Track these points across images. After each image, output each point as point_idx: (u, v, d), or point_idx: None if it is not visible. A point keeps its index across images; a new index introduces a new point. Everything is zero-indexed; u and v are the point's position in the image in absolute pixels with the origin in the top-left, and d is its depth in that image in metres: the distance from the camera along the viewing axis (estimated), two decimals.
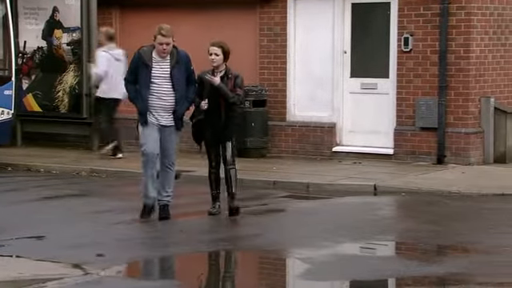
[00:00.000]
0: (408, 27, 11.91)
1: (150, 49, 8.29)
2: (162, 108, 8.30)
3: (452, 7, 11.62)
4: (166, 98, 8.29)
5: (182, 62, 8.30)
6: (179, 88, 8.27)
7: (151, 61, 8.24)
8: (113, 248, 7.39)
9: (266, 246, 7.58)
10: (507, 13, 12.17)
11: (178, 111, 8.33)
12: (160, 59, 8.25)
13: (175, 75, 8.26)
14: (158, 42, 8.19)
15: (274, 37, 12.87)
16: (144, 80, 8.24)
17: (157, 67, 8.25)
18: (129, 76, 8.43)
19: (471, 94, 11.75)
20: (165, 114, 8.31)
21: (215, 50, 8.47)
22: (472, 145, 11.74)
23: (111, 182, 11.29)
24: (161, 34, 8.17)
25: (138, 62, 8.27)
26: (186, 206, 9.42)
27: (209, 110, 8.45)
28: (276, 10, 12.84)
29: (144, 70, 8.24)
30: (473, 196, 9.93)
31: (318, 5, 12.58)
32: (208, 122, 8.52)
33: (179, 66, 8.27)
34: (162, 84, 8.27)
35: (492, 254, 7.21)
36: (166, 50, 8.20)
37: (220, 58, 8.47)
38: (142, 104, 8.30)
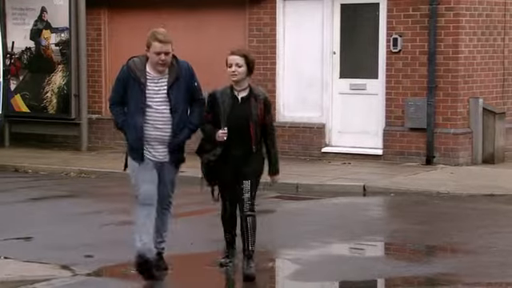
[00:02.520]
0: (397, 28, 11.93)
1: (142, 60, 6.25)
2: (158, 140, 6.27)
3: (441, 8, 11.65)
4: (164, 126, 6.23)
5: (183, 77, 6.25)
6: (178, 111, 6.23)
7: (145, 76, 6.19)
8: (101, 249, 7.37)
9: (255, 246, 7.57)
10: (495, 13, 12.21)
11: (174, 141, 6.26)
12: (156, 74, 6.20)
13: (174, 95, 6.20)
14: (154, 52, 6.13)
15: (263, 37, 12.87)
16: (136, 102, 6.19)
17: (152, 85, 6.19)
18: (114, 96, 6.34)
19: (460, 95, 11.78)
20: (161, 147, 6.28)
21: (237, 60, 6.30)
22: (461, 145, 11.77)
23: (100, 182, 11.25)
24: (157, 40, 6.12)
25: (128, 78, 6.23)
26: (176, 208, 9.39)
27: (230, 142, 6.30)
28: (265, 10, 12.84)
29: (135, 89, 6.19)
30: (461, 196, 9.95)
31: (307, 5, 12.58)
32: (227, 157, 6.37)
33: (179, 83, 6.22)
34: (158, 108, 6.20)
35: (480, 254, 7.23)
36: (164, 62, 6.16)
37: (243, 71, 6.31)
38: (136, 135, 6.24)
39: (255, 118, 6.33)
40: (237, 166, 6.39)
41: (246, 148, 6.36)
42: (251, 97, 6.35)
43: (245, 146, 6.35)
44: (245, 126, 6.32)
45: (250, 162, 6.39)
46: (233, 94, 6.34)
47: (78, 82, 13.53)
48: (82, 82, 13.57)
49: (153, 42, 6.18)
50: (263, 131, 6.41)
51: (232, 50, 6.43)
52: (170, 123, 6.24)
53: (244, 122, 6.31)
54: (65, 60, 13.57)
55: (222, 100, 6.31)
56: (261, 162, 6.46)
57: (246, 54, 6.39)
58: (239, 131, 6.30)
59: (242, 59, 6.34)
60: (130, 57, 6.33)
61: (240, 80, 6.34)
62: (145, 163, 6.31)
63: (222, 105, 6.31)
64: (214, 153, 6.38)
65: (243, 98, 6.35)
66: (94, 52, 14.08)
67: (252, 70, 6.40)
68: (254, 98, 6.36)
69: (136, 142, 6.28)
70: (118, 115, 6.37)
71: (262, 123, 6.37)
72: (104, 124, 14.05)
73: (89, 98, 13.89)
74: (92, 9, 13.73)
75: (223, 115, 6.31)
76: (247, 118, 6.31)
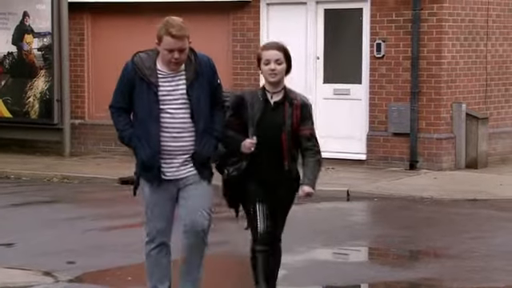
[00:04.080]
0: (380, 33, 11.96)
1: (151, 56, 5.00)
2: (177, 153, 4.98)
3: (424, 13, 11.70)
4: (183, 134, 4.96)
5: (205, 74, 5.02)
6: (202, 116, 4.97)
7: (156, 75, 4.95)
8: (84, 255, 7.32)
9: (239, 252, 7.55)
10: (478, 19, 12.27)
11: (201, 154, 4.99)
12: (169, 72, 4.98)
13: (195, 96, 4.95)
14: (166, 48, 4.89)
15: (246, 42, 12.86)
16: (147, 107, 4.94)
17: (165, 85, 4.95)
18: (117, 100, 5.07)
19: (443, 100, 11.82)
20: (180, 161, 5.00)
21: (276, 56, 5.09)
22: (444, 150, 11.81)
23: (83, 188, 11.19)
24: (170, 35, 4.86)
25: (133, 78, 4.98)
26: None
27: (258, 155, 5.07)
28: (249, 15, 12.84)
29: (144, 91, 4.94)
30: (445, 201, 9.98)
31: (291, 10, 12.60)
32: (256, 174, 5.12)
33: (200, 81, 4.99)
34: (175, 112, 4.95)
35: (463, 259, 7.24)
36: (178, 61, 4.93)
37: (283, 69, 5.12)
38: (150, 149, 4.95)
39: (289, 128, 5.04)
40: (268, 187, 5.15)
41: (277, 165, 5.09)
42: (286, 101, 5.11)
43: (276, 162, 5.08)
44: (276, 137, 5.07)
45: (282, 184, 5.15)
46: (265, 97, 5.09)
47: (61, 87, 13.46)
48: (64, 87, 13.50)
49: (164, 35, 4.88)
50: (300, 145, 5.13)
51: (267, 45, 5.21)
52: (191, 131, 4.95)
53: (276, 132, 5.05)
54: (47, 65, 13.50)
55: (252, 103, 5.08)
56: (296, 181, 5.17)
57: (285, 48, 5.13)
58: (270, 143, 5.05)
59: (282, 54, 5.09)
60: (135, 52, 5.06)
61: (279, 80, 5.11)
62: (161, 188, 4.99)
63: (250, 109, 5.07)
64: (239, 167, 5.10)
65: (277, 103, 5.09)
66: (77, 57, 14.02)
67: (289, 68, 5.16)
68: (289, 103, 5.10)
69: (151, 159, 4.93)
70: (123, 126, 5.03)
71: (298, 134, 5.09)
72: (87, 129, 13.99)
73: (71, 103, 13.82)
74: (75, 13, 13.67)
75: (252, 122, 5.06)
76: (279, 127, 5.04)
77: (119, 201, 10.34)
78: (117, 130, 5.11)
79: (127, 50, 14.20)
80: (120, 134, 5.09)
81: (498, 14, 12.51)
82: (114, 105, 5.12)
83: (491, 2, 12.39)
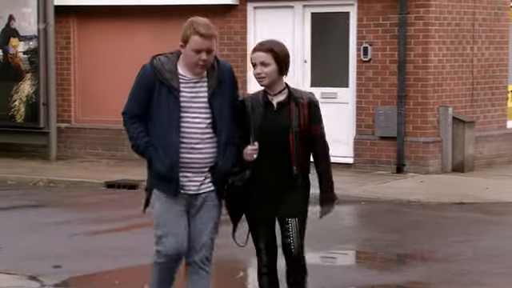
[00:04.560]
0: (367, 37, 11.98)
1: (171, 59, 4.67)
2: (196, 166, 4.63)
3: (410, 17, 11.73)
4: (201, 146, 4.62)
5: (227, 82, 4.70)
6: (224, 127, 4.64)
7: (177, 79, 4.60)
8: (71, 259, 7.28)
9: (225, 255, 7.54)
10: (464, 23, 12.32)
11: (223, 167, 4.65)
12: (192, 77, 4.63)
13: (217, 104, 4.63)
14: (194, 49, 4.56)
15: (234, 46, 12.85)
16: (166, 115, 4.58)
17: (187, 91, 4.61)
18: (133, 106, 4.68)
19: (430, 104, 11.86)
20: (197, 175, 4.65)
21: (261, 58, 4.70)
22: (431, 154, 11.84)
23: (69, 192, 11.14)
24: (198, 34, 4.56)
25: (153, 82, 4.61)
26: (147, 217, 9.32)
27: (263, 162, 4.68)
28: (236, 19, 12.84)
29: (164, 97, 4.59)
30: (431, 205, 10.00)
31: (278, 14, 12.60)
32: (260, 183, 4.72)
33: (222, 89, 4.66)
34: (195, 122, 4.62)
35: (450, 262, 7.26)
36: (205, 63, 4.60)
37: (272, 71, 4.69)
38: (169, 160, 4.59)
39: (297, 129, 4.66)
40: (274, 197, 4.72)
41: (284, 170, 4.67)
42: (291, 101, 4.71)
43: (283, 167, 4.67)
44: (282, 140, 4.66)
45: (291, 192, 4.72)
46: (266, 99, 4.70)
47: (47, 90, 13.41)
48: (50, 90, 13.45)
49: (192, 35, 4.55)
50: (310, 146, 4.75)
51: (255, 46, 4.80)
52: (210, 142, 4.60)
53: (281, 135, 4.65)
54: (33, 68, 13.44)
55: (252, 107, 4.68)
56: (306, 190, 4.80)
57: (271, 48, 4.69)
58: (275, 147, 4.64)
59: (269, 55, 4.67)
60: (154, 55, 4.71)
61: (270, 84, 4.70)
62: (175, 202, 4.63)
63: (251, 113, 4.67)
64: (242, 177, 4.67)
65: (280, 104, 4.70)
66: (63, 60, 13.97)
67: (285, 68, 4.75)
68: (295, 103, 4.70)
69: (170, 170, 4.56)
70: (137, 134, 4.64)
71: (307, 135, 4.72)
72: (73, 133, 13.94)
73: (58, 106, 13.77)
74: (61, 17, 13.63)
75: (253, 126, 4.65)
76: (285, 129, 4.65)
77: (106, 205, 10.30)
78: (130, 139, 4.69)
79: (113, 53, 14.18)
80: (134, 143, 4.67)
81: (484, 17, 12.57)
82: (129, 111, 4.67)
83: (477, 6, 12.45)
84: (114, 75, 13.55)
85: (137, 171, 12.06)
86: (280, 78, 4.74)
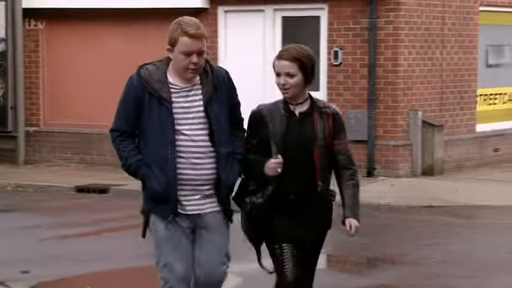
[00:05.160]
0: (338, 41, 12.03)
1: (160, 67, 4.26)
2: (196, 183, 4.21)
3: (380, 21, 11.79)
4: (203, 161, 4.20)
5: (223, 88, 4.31)
6: (223, 138, 4.24)
7: (168, 89, 4.18)
8: (40, 264, 7.20)
9: None
10: (433, 27, 12.41)
11: (227, 183, 4.25)
12: (184, 85, 4.21)
13: (214, 113, 4.22)
14: (182, 51, 4.14)
15: None
16: (159, 129, 4.17)
17: (179, 101, 4.19)
18: (121, 122, 4.28)
19: (400, 107, 11.92)
20: (199, 193, 4.23)
21: (286, 68, 4.27)
22: (401, 157, 11.90)
23: (38, 196, 11.03)
24: (187, 35, 4.13)
25: (142, 95, 4.20)
26: (117, 221, 9.27)
27: (284, 177, 4.25)
28: (206, 22, 12.80)
29: (155, 110, 4.18)
30: (401, 208, 10.04)
31: (249, 17, 12.60)
32: (282, 199, 4.29)
33: (218, 96, 4.26)
34: (192, 135, 4.19)
35: (420, 265, 7.29)
36: (197, 67, 4.18)
37: (298, 82, 4.28)
38: (165, 178, 4.17)
39: (321, 142, 4.28)
40: (297, 214, 4.31)
41: (308, 187, 4.29)
42: (314, 111, 4.33)
43: (306, 183, 4.28)
44: (307, 154, 4.27)
45: (313, 211, 4.34)
46: (287, 109, 4.31)
47: (15, 93, 13.28)
48: (19, 93, 13.32)
49: (180, 37, 4.13)
50: (334, 161, 4.35)
51: (280, 52, 4.35)
52: (211, 156, 4.18)
53: (305, 147, 4.27)
54: (1, 71, 13.30)
55: (271, 118, 4.29)
56: (329, 209, 4.45)
57: (298, 57, 4.26)
58: (299, 161, 4.26)
59: (295, 65, 4.25)
60: (141, 64, 4.29)
61: (294, 95, 4.30)
62: (177, 224, 4.19)
63: (271, 124, 4.28)
64: (263, 193, 4.26)
65: (303, 114, 4.31)
66: (32, 63, 13.84)
67: (311, 78, 4.32)
68: (319, 113, 4.32)
69: (167, 189, 4.14)
70: (128, 152, 4.21)
71: (332, 148, 4.33)
72: (42, 137, 13.81)
73: (26, 110, 13.63)
74: (29, 20, 13.50)
75: (274, 138, 4.25)
76: (310, 141, 4.27)
77: (75, 209, 10.21)
78: (120, 158, 4.26)
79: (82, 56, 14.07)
80: (124, 162, 4.23)
81: (454, 22, 12.68)
82: (117, 128, 4.25)
83: (447, 11, 12.55)
84: (82, 78, 13.45)
85: (106, 175, 11.98)
86: (305, 88, 4.31)
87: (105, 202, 10.58)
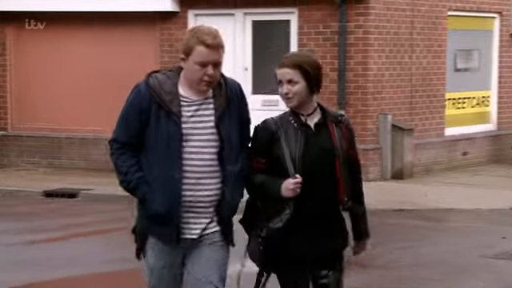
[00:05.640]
0: (308, 45, 12.04)
1: (171, 78, 3.89)
2: (201, 205, 3.86)
3: (350, 26, 11.83)
4: (210, 181, 3.85)
5: (236, 102, 3.96)
6: (233, 157, 3.89)
7: (178, 102, 3.83)
8: (7, 270, 7.11)
9: None
10: (402, 31, 12.49)
11: (232, 202, 3.90)
12: (196, 98, 3.87)
13: (226, 130, 3.89)
14: (198, 62, 3.81)
15: (175, 53, 12.77)
16: (166, 144, 3.81)
17: (189, 115, 3.84)
18: (123, 134, 3.89)
19: (369, 111, 11.97)
20: (202, 215, 3.87)
21: (288, 75, 3.96)
22: (370, 161, 11.95)
23: (6, 201, 10.90)
24: (204, 44, 3.82)
25: (148, 106, 3.83)
26: (87, 226, 9.18)
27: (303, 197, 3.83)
28: (177, 25, 12.77)
29: (162, 123, 3.83)
30: (372, 212, 10.04)
31: (219, 21, 12.57)
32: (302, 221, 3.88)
33: (231, 112, 3.92)
34: (201, 152, 3.85)
35: (390, 268, 7.31)
36: (212, 80, 3.84)
37: (301, 90, 3.94)
38: (169, 200, 3.80)
39: (341, 153, 3.94)
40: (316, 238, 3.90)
41: (330, 203, 3.91)
42: (328, 121, 3.98)
43: (329, 199, 3.90)
44: (328, 168, 3.89)
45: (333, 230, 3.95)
46: (300, 122, 3.93)
47: None
48: None
49: (196, 46, 3.81)
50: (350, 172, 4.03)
51: (281, 60, 4.04)
52: (218, 176, 3.84)
53: (326, 162, 3.89)
54: None
55: (284, 132, 3.90)
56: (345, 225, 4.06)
57: (300, 63, 3.94)
58: (320, 176, 3.86)
59: (296, 72, 3.93)
60: (150, 72, 3.92)
61: (299, 104, 3.94)
62: (173, 247, 3.85)
63: (284, 140, 3.88)
64: (280, 217, 3.85)
65: (318, 125, 3.94)
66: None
67: (317, 85, 4.00)
68: (334, 122, 3.99)
69: (169, 212, 3.79)
70: (127, 167, 3.84)
71: (348, 160, 4.00)
72: (10, 141, 13.65)
73: None
74: None
75: (290, 155, 3.85)
76: (330, 154, 3.90)
77: (43, 214, 10.10)
78: (118, 173, 3.86)
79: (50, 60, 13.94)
80: (123, 178, 3.84)
81: (422, 26, 12.77)
82: (118, 139, 3.86)
83: (415, 15, 12.63)
84: (50, 82, 13.32)
85: (75, 180, 11.87)
86: (311, 96, 3.96)
87: (73, 206, 10.48)
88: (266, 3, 12.23)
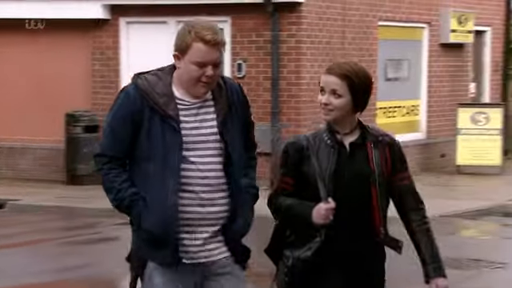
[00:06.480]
0: (241, 53, 12.06)
1: (163, 79, 3.45)
2: (203, 222, 3.39)
3: (283, 35, 11.90)
4: (213, 195, 3.39)
5: (237, 105, 3.50)
6: (238, 167, 3.47)
7: (174, 105, 3.37)
8: None
9: (97, 275, 7.33)
10: (334, 41, 12.62)
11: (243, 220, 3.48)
12: (194, 101, 3.40)
13: (230, 137, 3.44)
14: (196, 61, 3.34)
15: (106, 61, 12.62)
16: (161, 153, 3.34)
17: (187, 120, 3.38)
18: (111, 146, 3.41)
19: (303, 120, 12.04)
20: (208, 234, 3.40)
21: (332, 85, 3.47)
22: None
23: None
24: (203, 41, 3.34)
25: (139, 112, 3.36)
26: (14, 237, 8.96)
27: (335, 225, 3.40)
28: (108, 33, 12.63)
29: (157, 131, 3.35)
30: None
31: (152, 29, 12.49)
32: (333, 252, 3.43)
33: (233, 116, 3.47)
34: (201, 162, 3.38)
35: None
36: (212, 80, 3.38)
37: (344, 104, 3.45)
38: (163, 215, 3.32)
39: (379, 179, 3.46)
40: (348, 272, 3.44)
41: (364, 234, 3.44)
42: (367, 141, 3.50)
43: (363, 229, 3.44)
44: (362, 194, 3.44)
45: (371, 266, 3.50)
46: (334, 140, 3.48)
47: None
48: None
49: (194, 42, 3.33)
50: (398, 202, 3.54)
51: (329, 66, 3.56)
52: (223, 189, 3.38)
53: (360, 187, 3.44)
54: None
55: (315, 151, 3.46)
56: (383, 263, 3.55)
57: (349, 75, 3.44)
58: (352, 204, 3.42)
59: (344, 83, 3.43)
60: (137, 73, 3.47)
61: (337, 120, 3.46)
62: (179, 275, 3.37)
63: (316, 159, 3.44)
64: (310, 246, 3.41)
65: (354, 145, 3.49)
66: None
67: (364, 103, 3.48)
68: (374, 143, 3.50)
69: (164, 229, 3.30)
70: (120, 184, 3.37)
71: (392, 186, 3.50)
72: None
73: None
74: None
75: (322, 176, 3.41)
76: (365, 179, 3.45)
77: None
78: (109, 191, 3.39)
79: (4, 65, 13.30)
80: (115, 196, 3.37)
81: (354, 36, 12.92)
82: (106, 153, 3.39)
83: (347, 25, 12.78)
84: None
85: (1, 190, 11.58)
86: (353, 114, 3.46)
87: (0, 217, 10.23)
88: (198, 11, 12.17)
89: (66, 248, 8.42)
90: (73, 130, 12.28)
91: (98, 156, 3.42)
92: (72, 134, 12.28)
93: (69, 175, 12.27)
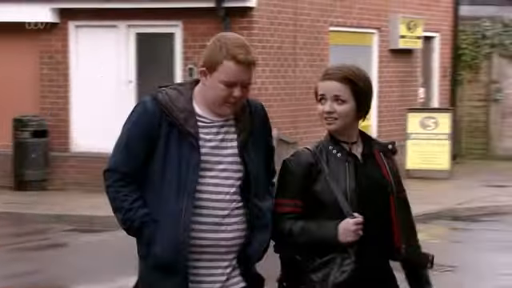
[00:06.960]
0: (192, 58, 12.02)
1: (184, 94, 3.21)
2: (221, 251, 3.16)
3: None
4: (229, 220, 3.16)
5: (259, 126, 3.29)
6: (259, 191, 3.22)
7: (195, 122, 3.16)
8: None
9: (46, 281, 7.22)
10: (286, 46, 12.66)
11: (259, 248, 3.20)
12: (215, 119, 3.19)
13: (251, 160, 3.22)
14: (225, 81, 3.14)
15: (55, 65, 12.47)
16: (177, 172, 3.12)
17: (209, 139, 3.17)
18: (124, 162, 3.17)
19: None
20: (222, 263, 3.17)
21: (335, 90, 3.17)
22: None
23: None
24: (235, 60, 3.15)
25: (156, 127, 3.14)
26: None
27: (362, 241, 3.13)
28: (57, 37, 12.48)
29: (174, 147, 3.14)
30: None
31: (101, 33, 12.38)
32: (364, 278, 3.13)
33: (255, 137, 3.25)
34: (220, 185, 3.16)
35: None
36: (239, 101, 3.17)
37: (347, 111, 3.17)
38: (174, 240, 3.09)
39: (394, 188, 3.23)
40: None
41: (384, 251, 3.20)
42: (375, 150, 3.25)
43: (383, 246, 3.19)
44: (381, 206, 3.18)
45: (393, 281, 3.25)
46: (344, 151, 3.20)
47: None
48: None
49: (224, 60, 3.14)
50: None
51: (326, 70, 3.22)
52: (238, 214, 3.15)
53: (380, 199, 3.19)
54: None
55: (325, 164, 3.16)
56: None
57: (352, 78, 3.15)
58: (373, 218, 3.14)
59: (347, 88, 3.15)
60: (158, 86, 3.27)
61: (342, 129, 3.18)
62: None
63: (327, 174, 3.14)
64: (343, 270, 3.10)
65: (365, 155, 3.23)
66: None
67: (367, 109, 3.21)
68: (382, 152, 3.26)
69: (173, 254, 3.07)
70: (130, 204, 3.14)
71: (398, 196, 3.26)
72: None
73: None
74: None
75: (342, 190, 3.13)
76: (382, 190, 3.20)
77: None
78: (118, 210, 3.16)
79: None
80: (125, 216, 3.13)
81: (305, 41, 12.98)
82: (118, 169, 3.14)
83: (298, 30, 12.84)
84: None
85: None
86: (357, 121, 3.20)
87: None
88: (149, 16, 12.13)
89: (14, 254, 8.29)
90: (21, 135, 12.10)
91: (109, 172, 3.17)
92: (20, 138, 12.10)
93: (16, 181, 12.09)
